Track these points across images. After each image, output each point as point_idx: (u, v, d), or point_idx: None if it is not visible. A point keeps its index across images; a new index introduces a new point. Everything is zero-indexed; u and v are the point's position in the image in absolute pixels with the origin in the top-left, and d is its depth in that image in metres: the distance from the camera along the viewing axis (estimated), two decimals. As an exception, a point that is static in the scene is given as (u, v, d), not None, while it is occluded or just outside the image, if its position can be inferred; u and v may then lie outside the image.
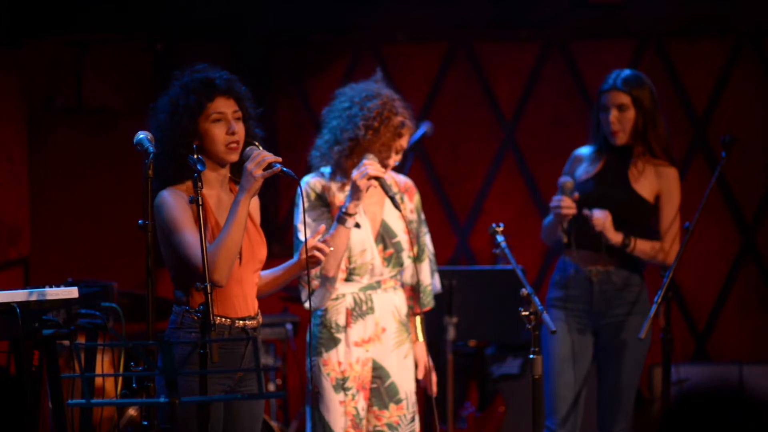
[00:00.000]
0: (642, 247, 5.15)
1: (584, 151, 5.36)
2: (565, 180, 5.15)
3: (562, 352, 5.19)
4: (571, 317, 5.21)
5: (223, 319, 4.08)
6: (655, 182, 5.23)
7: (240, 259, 4.13)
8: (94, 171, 7.54)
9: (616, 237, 5.11)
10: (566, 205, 5.09)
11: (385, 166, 4.65)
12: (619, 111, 5.19)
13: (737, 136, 5.30)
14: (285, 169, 4.00)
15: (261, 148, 4.13)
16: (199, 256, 3.94)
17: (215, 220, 4.09)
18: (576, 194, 5.13)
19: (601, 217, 5.11)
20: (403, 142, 4.70)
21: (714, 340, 7.68)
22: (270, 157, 4.00)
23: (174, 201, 4.06)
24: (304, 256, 4.19)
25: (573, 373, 5.19)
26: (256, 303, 4.22)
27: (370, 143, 4.62)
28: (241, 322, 4.13)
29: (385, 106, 4.65)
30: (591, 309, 5.19)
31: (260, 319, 4.23)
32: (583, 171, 5.28)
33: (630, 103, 5.18)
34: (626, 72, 5.26)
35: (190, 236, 4.01)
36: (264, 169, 3.99)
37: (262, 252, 4.24)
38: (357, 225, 4.64)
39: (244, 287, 4.16)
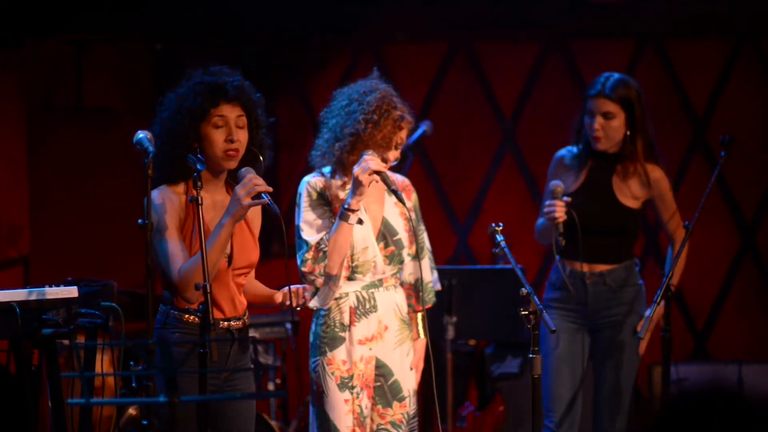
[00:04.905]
0: (680, 272, 5.18)
1: (566, 154, 5.34)
2: (556, 184, 5.12)
3: (560, 351, 5.20)
4: (568, 318, 5.23)
5: None
6: (641, 190, 5.22)
7: (229, 261, 4.14)
8: (94, 171, 7.54)
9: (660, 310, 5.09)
10: (560, 210, 5.08)
11: (385, 160, 4.66)
12: (604, 118, 5.16)
13: (736, 136, 5.30)
14: (271, 203, 3.97)
15: (262, 158, 4.14)
16: (175, 268, 4.00)
17: (207, 226, 4.09)
18: (568, 198, 5.11)
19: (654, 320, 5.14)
20: (403, 135, 4.71)
21: (713, 340, 7.69)
22: (261, 186, 3.98)
23: (161, 203, 4.07)
24: (279, 301, 4.21)
25: (570, 372, 5.21)
26: (243, 303, 4.23)
27: (371, 137, 4.62)
28: (225, 322, 4.14)
29: (383, 99, 4.67)
30: (586, 310, 5.21)
31: (247, 319, 4.23)
32: (567, 181, 5.25)
33: (617, 112, 5.15)
34: (615, 77, 5.20)
35: (169, 246, 4.02)
36: (253, 198, 3.98)
37: (254, 257, 4.24)
38: (360, 221, 4.65)
39: (230, 289, 4.16)
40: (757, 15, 7.52)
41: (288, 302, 4.14)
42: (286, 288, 4.16)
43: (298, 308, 4.16)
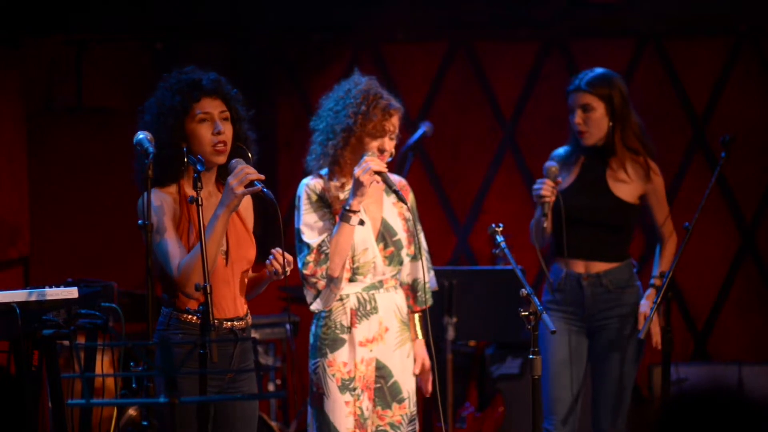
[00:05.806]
0: (668, 266, 5.16)
1: (560, 152, 5.37)
2: (550, 165, 5.16)
3: (559, 353, 5.20)
4: (566, 319, 5.23)
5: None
6: (635, 184, 5.23)
7: (226, 259, 4.14)
8: (94, 171, 7.53)
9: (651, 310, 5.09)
10: (547, 188, 5.10)
11: (382, 150, 4.67)
12: (583, 111, 5.20)
13: (736, 136, 5.30)
14: (266, 189, 3.98)
15: (250, 155, 4.14)
16: (174, 264, 3.99)
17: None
18: (560, 179, 5.15)
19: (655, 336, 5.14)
20: (395, 122, 4.72)
21: (713, 340, 7.69)
22: (253, 174, 3.98)
23: (159, 205, 4.07)
24: (269, 270, 4.16)
25: (570, 374, 5.21)
26: (245, 304, 4.22)
27: (363, 128, 4.64)
28: (228, 323, 4.14)
29: (368, 91, 4.70)
30: (583, 312, 5.21)
31: (249, 320, 4.23)
32: (562, 178, 5.28)
33: (595, 103, 5.18)
34: (593, 72, 5.25)
35: (168, 244, 4.03)
36: (246, 186, 3.98)
37: (251, 253, 4.24)
38: (361, 222, 4.64)
39: (231, 288, 4.16)
40: (757, 15, 7.52)
41: (275, 269, 4.10)
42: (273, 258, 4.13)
43: (282, 276, 4.11)
